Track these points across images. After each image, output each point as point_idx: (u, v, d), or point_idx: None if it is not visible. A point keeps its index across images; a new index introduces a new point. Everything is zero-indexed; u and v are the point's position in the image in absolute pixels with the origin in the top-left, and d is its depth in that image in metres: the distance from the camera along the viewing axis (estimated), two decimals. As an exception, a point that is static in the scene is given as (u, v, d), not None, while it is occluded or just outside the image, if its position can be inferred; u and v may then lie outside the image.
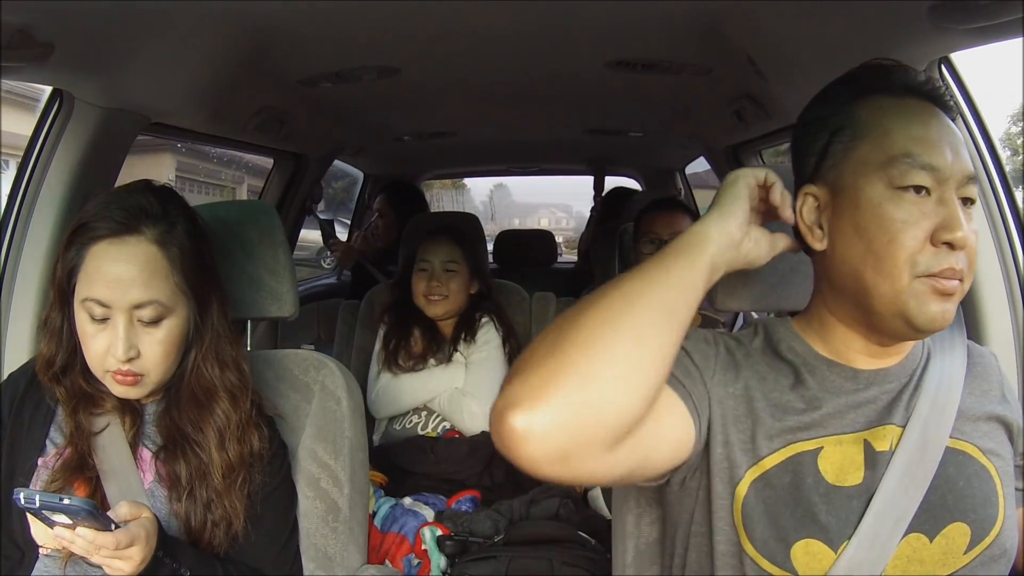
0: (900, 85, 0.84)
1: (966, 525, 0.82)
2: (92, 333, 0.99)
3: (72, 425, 1.04)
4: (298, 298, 1.41)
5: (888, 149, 0.81)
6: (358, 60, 1.79)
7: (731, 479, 0.84)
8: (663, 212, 2.14)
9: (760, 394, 0.86)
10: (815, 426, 0.84)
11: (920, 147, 0.80)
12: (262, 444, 1.09)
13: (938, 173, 0.80)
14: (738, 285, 1.13)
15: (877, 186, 0.81)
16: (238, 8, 1.34)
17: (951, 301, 0.80)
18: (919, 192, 0.80)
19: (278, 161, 2.93)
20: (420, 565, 1.60)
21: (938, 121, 0.83)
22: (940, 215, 0.79)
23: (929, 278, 0.79)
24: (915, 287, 0.79)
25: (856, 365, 0.87)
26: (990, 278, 1.28)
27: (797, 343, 0.90)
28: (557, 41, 1.66)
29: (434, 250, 2.06)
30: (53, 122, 1.42)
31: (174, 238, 1.01)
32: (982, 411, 0.88)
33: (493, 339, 2.04)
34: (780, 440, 0.84)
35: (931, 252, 0.79)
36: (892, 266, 0.80)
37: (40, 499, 0.83)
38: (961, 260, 0.79)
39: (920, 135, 0.81)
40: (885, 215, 0.80)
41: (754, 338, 0.92)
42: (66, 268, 1.00)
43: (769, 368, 0.88)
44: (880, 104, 0.83)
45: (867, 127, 0.83)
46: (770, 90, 1.70)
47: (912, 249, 0.79)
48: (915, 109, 0.83)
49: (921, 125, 0.82)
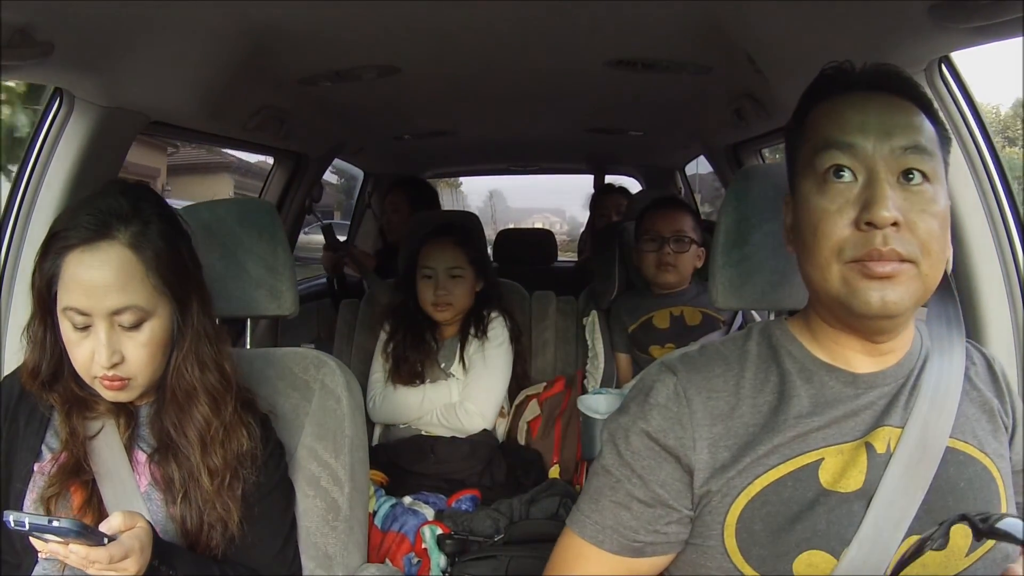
0: (845, 83, 0.84)
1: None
2: (76, 341, 0.98)
3: (67, 430, 1.03)
4: (298, 297, 1.41)
5: (815, 142, 0.82)
6: (358, 59, 1.79)
7: (723, 508, 0.82)
8: (665, 211, 2.14)
9: (753, 411, 0.84)
10: (814, 437, 0.82)
11: (840, 131, 0.80)
12: (252, 444, 1.07)
13: (856, 150, 0.78)
14: (738, 284, 1.14)
15: (808, 181, 0.82)
16: (238, 8, 1.34)
17: (893, 285, 0.77)
18: (840, 176, 0.79)
19: (278, 160, 2.93)
20: (420, 564, 1.60)
21: (877, 105, 0.81)
22: (863, 199, 0.77)
23: (856, 263, 0.77)
24: (844, 274, 0.78)
25: (854, 368, 0.86)
26: (990, 278, 1.28)
27: (795, 347, 0.88)
28: (557, 40, 1.66)
29: (437, 256, 2.02)
30: (53, 121, 1.42)
31: (148, 240, 0.99)
32: (982, 412, 0.88)
33: (503, 337, 2.03)
34: (777, 456, 0.82)
35: (857, 237, 0.77)
36: (819, 256, 0.80)
37: (30, 522, 0.82)
38: (894, 239, 0.76)
39: (845, 120, 0.80)
40: (811, 207, 0.81)
41: (748, 341, 0.91)
42: (44, 278, 0.98)
43: (765, 378, 0.87)
44: (826, 105, 0.84)
45: (809, 129, 0.84)
46: (770, 89, 1.70)
47: (837, 237, 0.78)
48: (853, 100, 0.82)
49: (850, 111, 0.81)
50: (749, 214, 1.13)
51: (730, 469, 0.82)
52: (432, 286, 2.00)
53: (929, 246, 0.78)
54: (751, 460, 0.82)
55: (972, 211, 1.27)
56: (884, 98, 0.82)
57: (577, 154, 3.93)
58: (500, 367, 2.00)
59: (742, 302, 1.15)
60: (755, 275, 1.12)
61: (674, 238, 2.09)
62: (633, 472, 0.85)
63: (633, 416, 0.87)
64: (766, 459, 0.82)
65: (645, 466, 0.84)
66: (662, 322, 2.12)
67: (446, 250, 2.02)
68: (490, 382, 1.98)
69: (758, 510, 0.81)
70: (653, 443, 0.84)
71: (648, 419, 0.85)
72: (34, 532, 0.84)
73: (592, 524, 0.86)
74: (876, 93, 0.82)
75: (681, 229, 2.09)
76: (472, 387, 1.97)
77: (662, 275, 2.10)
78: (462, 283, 2.01)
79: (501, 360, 2.01)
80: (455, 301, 2.00)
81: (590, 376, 2.15)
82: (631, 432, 0.86)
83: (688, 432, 0.84)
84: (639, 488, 0.84)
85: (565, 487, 1.78)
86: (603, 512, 0.86)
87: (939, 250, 0.79)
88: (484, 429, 1.95)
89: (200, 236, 1.13)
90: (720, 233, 1.15)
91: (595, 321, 2.20)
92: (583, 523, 0.87)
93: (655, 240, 2.10)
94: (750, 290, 1.13)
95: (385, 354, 2.04)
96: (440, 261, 2.01)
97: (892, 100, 0.82)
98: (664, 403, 0.85)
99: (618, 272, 2.30)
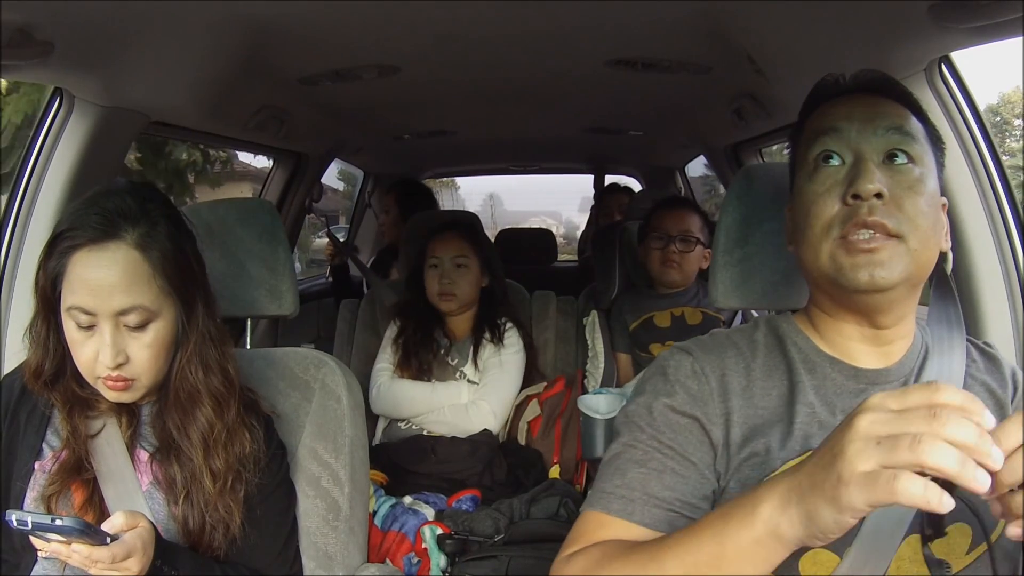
0: (835, 90, 0.88)
1: (967, 525, 0.81)
2: (80, 341, 0.98)
3: (69, 428, 1.03)
4: (298, 296, 1.41)
5: (807, 137, 0.87)
6: (358, 59, 1.79)
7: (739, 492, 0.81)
8: (673, 210, 2.17)
9: (763, 395, 0.85)
10: (821, 433, 0.82)
11: (828, 120, 0.84)
12: (254, 446, 1.07)
13: (842, 133, 0.82)
14: (739, 284, 1.14)
15: (802, 173, 0.86)
16: (238, 8, 1.34)
17: (878, 255, 0.78)
18: (829, 160, 0.83)
19: (278, 160, 2.93)
20: (420, 564, 1.60)
21: (864, 99, 0.85)
22: (851, 175, 0.81)
23: (843, 240, 0.80)
24: (832, 251, 0.81)
25: (857, 363, 0.87)
26: (990, 276, 1.28)
27: (800, 339, 0.89)
28: (557, 40, 1.66)
29: (444, 246, 2.07)
30: (53, 121, 1.42)
31: (155, 241, 0.99)
32: (987, 398, 0.87)
33: (518, 345, 2.07)
34: (786, 451, 0.82)
35: (845, 211, 0.80)
36: (812, 235, 0.83)
37: (32, 521, 0.82)
38: (880, 211, 0.78)
39: (833, 112, 0.85)
40: (805, 192, 0.85)
41: (755, 331, 0.92)
42: (49, 277, 0.98)
43: (774, 366, 0.88)
44: (818, 112, 0.88)
45: (803, 134, 0.88)
46: (770, 89, 1.70)
47: (827, 216, 0.81)
48: (842, 101, 0.86)
49: (838, 106, 0.85)
50: (749, 214, 1.13)
51: (742, 450, 0.83)
52: (438, 275, 2.05)
53: (916, 221, 0.80)
54: (762, 448, 0.82)
55: (972, 211, 1.28)
56: (872, 97, 0.86)
57: (577, 154, 3.93)
58: (515, 373, 2.04)
59: (742, 302, 1.15)
60: (756, 275, 1.12)
61: (680, 237, 2.11)
62: (661, 443, 0.83)
63: (654, 393, 0.86)
64: (776, 451, 0.82)
65: (674, 437, 0.83)
66: (663, 322, 2.13)
67: (452, 241, 2.08)
68: (505, 384, 2.01)
69: None
70: (679, 415, 0.84)
71: (672, 394, 0.85)
72: (37, 531, 0.83)
73: (618, 499, 0.81)
74: (865, 95, 0.86)
75: (688, 229, 2.11)
76: (488, 387, 1.99)
77: (666, 273, 2.11)
78: (467, 273, 2.05)
79: (516, 366, 2.05)
80: (459, 292, 2.04)
81: (590, 376, 2.15)
82: (654, 408, 0.85)
83: (711, 407, 0.84)
84: (670, 456, 0.82)
85: (565, 487, 1.78)
86: (631, 485, 0.81)
87: (928, 227, 0.81)
88: (485, 429, 1.95)
89: (201, 236, 1.13)
90: (721, 233, 1.15)
91: (595, 321, 2.21)
92: (607, 499, 0.81)
93: (661, 238, 2.12)
94: (750, 290, 1.13)
95: (395, 344, 2.06)
96: (446, 251, 2.06)
97: (879, 99, 0.86)
98: (684, 380, 0.86)
99: (618, 272, 2.30)
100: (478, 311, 2.10)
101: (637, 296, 2.21)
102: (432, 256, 2.07)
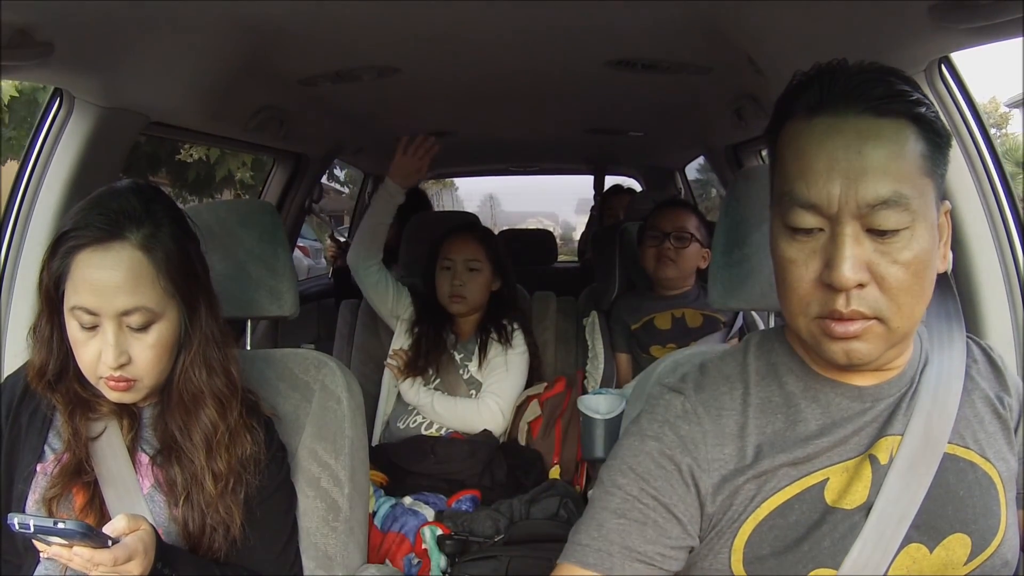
0: (807, 105, 0.78)
1: (966, 536, 0.80)
2: (83, 341, 0.98)
3: (70, 430, 1.03)
4: (298, 297, 1.41)
5: (779, 183, 0.79)
6: (358, 60, 1.79)
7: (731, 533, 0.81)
8: (668, 209, 2.19)
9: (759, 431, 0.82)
10: (821, 458, 0.81)
11: (804, 181, 0.75)
12: (255, 447, 1.07)
13: (821, 209, 0.74)
14: (737, 284, 1.14)
15: (776, 221, 0.80)
16: (238, 8, 1.34)
17: (856, 341, 0.76)
18: (808, 232, 0.76)
19: (278, 161, 2.93)
20: (420, 564, 1.60)
21: (848, 136, 0.74)
22: (827, 253, 0.75)
23: (820, 320, 0.76)
24: (811, 328, 0.78)
25: (857, 382, 0.83)
26: (990, 277, 1.28)
27: (795, 364, 0.85)
28: (557, 41, 1.66)
29: (458, 248, 2.07)
30: (53, 121, 1.42)
31: (159, 242, 0.99)
32: (986, 406, 0.86)
33: (524, 347, 2.08)
34: (784, 478, 0.80)
35: (821, 294, 0.76)
36: (789, 306, 0.79)
37: (35, 523, 0.82)
38: (858, 301, 0.74)
39: (807, 165, 0.75)
40: (779, 253, 0.79)
41: (746, 355, 0.88)
42: (52, 277, 0.98)
43: (768, 398, 0.84)
44: (789, 130, 0.79)
45: (777, 159, 0.81)
46: (770, 89, 1.70)
47: (802, 291, 0.77)
48: (817, 130, 0.76)
49: (816, 149, 0.75)
50: (748, 215, 1.13)
51: (739, 491, 0.80)
52: (449, 277, 2.04)
53: (899, 300, 0.75)
54: (758, 482, 0.80)
55: (972, 211, 1.27)
56: (860, 123, 0.75)
57: (577, 154, 3.93)
58: (520, 374, 2.05)
59: (741, 302, 1.15)
60: (754, 276, 1.12)
61: (675, 234, 2.12)
62: (644, 491, 0.80)
63: (640, 436, 0.83)
64: (773, 482, 0.80)
65: (658, 487, 0.80)
66: (664, 323, 2.13)
67: (466, 243, 2.07)
68: (511, 384, 2.02)
69: (766, 534, 0.80)
70: (666, 460, 0.81)
71: (660, 437, 0.82)
72: (39, 534, 0.83)
73: (595, 551, 0.79)
74: (851, 115, 0.75)
75: (683, 226, 2.12)
76: (496, 386, 2.00)
77: (662, 269, 2.13)
78: (478, 276, 2.05)
79: (521, 368, 2.06)
80: (470, 294, 2.04)
81: (590, 376, 2.15)
82: (640, 451, 0.82)
83: (702, 451, 0.81)
84: (652, 508, 0.79)
85: (565, 487, 1.78)
86: (608, 537, 0.79)
87: (911, 301, 0.76)
88: (485, 429, 1.95)
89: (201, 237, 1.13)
90: (719, 234, 1.15)
91: (595, 321, 2.21)
92: (583, 552, 0.80)
93: (657, 236, 2.14)
94: (749, 291, 1.13)
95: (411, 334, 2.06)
96: (459, 253, 2.06)
97: (869, 125, 0.75)
98: (674, 421, 0.83)
99: (618, 272, 2.30)
100: (485, 313, 2.10)
101: (637, 298, 2.22)
102: (445, 258, 2.07)
